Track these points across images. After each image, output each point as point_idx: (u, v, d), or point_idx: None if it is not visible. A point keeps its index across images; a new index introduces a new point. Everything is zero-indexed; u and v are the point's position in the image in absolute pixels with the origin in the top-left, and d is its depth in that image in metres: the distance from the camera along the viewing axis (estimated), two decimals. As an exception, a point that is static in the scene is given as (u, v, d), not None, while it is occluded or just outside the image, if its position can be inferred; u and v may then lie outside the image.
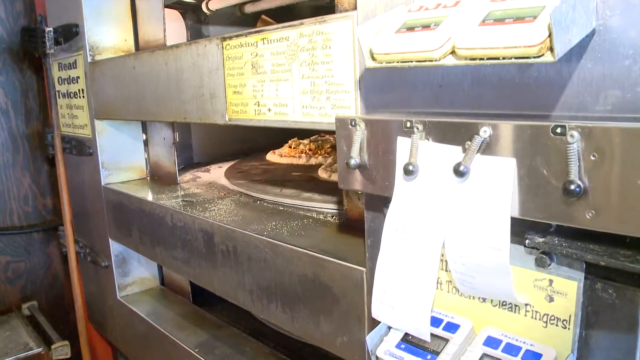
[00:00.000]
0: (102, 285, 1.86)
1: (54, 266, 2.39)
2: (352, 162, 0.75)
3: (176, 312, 1.60)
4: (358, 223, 1.01)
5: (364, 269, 0.85)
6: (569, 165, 0.53)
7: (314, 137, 1.94)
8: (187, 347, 1.39)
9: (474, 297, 0.70)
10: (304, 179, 1.48)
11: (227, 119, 1.10)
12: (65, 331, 2.09)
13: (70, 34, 1.66)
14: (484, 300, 0.69)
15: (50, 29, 1.72)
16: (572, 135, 0.52)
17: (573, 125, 0.53)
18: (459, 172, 0.62)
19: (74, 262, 1.94)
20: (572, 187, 0.53)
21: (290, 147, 1.85)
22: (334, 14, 0.86)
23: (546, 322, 0.64)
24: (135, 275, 1.77)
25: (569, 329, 0.61)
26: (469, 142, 0.62)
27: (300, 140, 1.86)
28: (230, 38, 1.07)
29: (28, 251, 2.34)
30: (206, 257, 1.22)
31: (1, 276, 2.30)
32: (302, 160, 1.68)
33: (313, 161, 1.67)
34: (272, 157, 1.84)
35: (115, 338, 1.91)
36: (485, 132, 0.60)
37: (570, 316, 0.61)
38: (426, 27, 0.64)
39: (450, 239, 0.66)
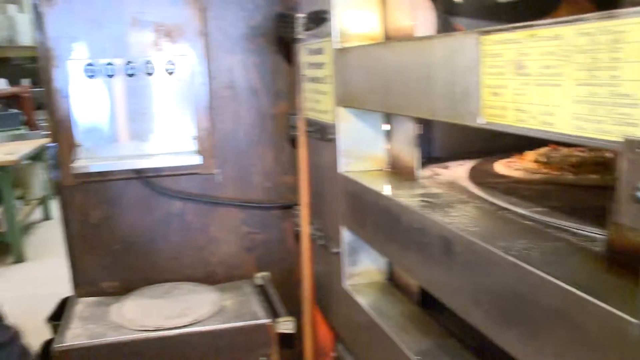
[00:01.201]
0: (329, 271, 1.88)
1: (288, 243, 2.50)
2: (641, 195, 0.61)
3: (400, 311, 1.54)
4: (625, 257, 0.85)
5: (638, 322, 0.70)
6: None
7: (544, 149, 1.66)
8: (407, 352, 1.33)
9: None
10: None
11: (481, 122, 1.00)
12: (289, 306, 2.17)
13: (319, 20, 1.68)
14: None
15: (302, 15, 1.76)
16: None
17: None
18: None
19: (306, 244, 1.99)
20: None
21: (536, 161, 1.59)
22: (628, 8, 0.71)
23: None
24: (362, 266, 1.76)
25: None
26: None
27: (553, 155, 1.58)
28: (489, 32, 0.96)
29: (265, 225, 2.48)
30: (441, 264, 1.14)
31: (240, 244, 2.47)
32: (569, 178, 1.43)
33: (586, 181, 1.37)
34: (508, 171, 1.56)
35: (337, 323, 1.93)
36: None
37: None
38: None
39: None
